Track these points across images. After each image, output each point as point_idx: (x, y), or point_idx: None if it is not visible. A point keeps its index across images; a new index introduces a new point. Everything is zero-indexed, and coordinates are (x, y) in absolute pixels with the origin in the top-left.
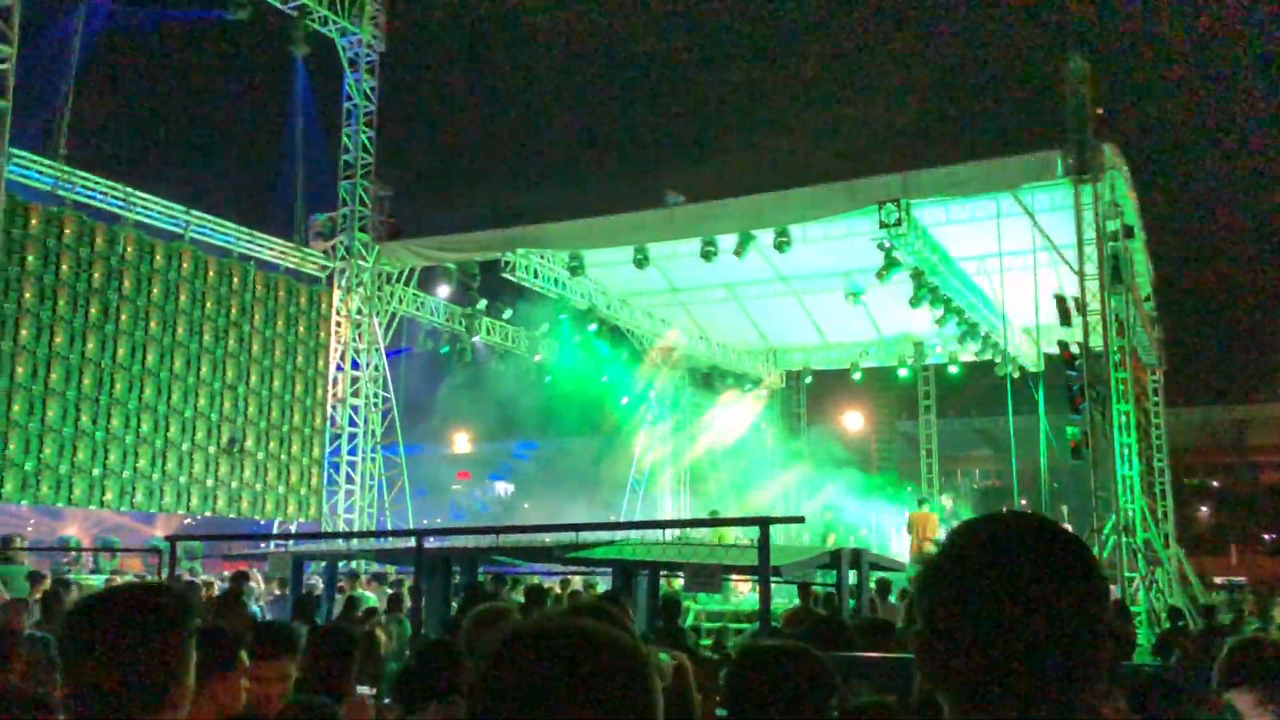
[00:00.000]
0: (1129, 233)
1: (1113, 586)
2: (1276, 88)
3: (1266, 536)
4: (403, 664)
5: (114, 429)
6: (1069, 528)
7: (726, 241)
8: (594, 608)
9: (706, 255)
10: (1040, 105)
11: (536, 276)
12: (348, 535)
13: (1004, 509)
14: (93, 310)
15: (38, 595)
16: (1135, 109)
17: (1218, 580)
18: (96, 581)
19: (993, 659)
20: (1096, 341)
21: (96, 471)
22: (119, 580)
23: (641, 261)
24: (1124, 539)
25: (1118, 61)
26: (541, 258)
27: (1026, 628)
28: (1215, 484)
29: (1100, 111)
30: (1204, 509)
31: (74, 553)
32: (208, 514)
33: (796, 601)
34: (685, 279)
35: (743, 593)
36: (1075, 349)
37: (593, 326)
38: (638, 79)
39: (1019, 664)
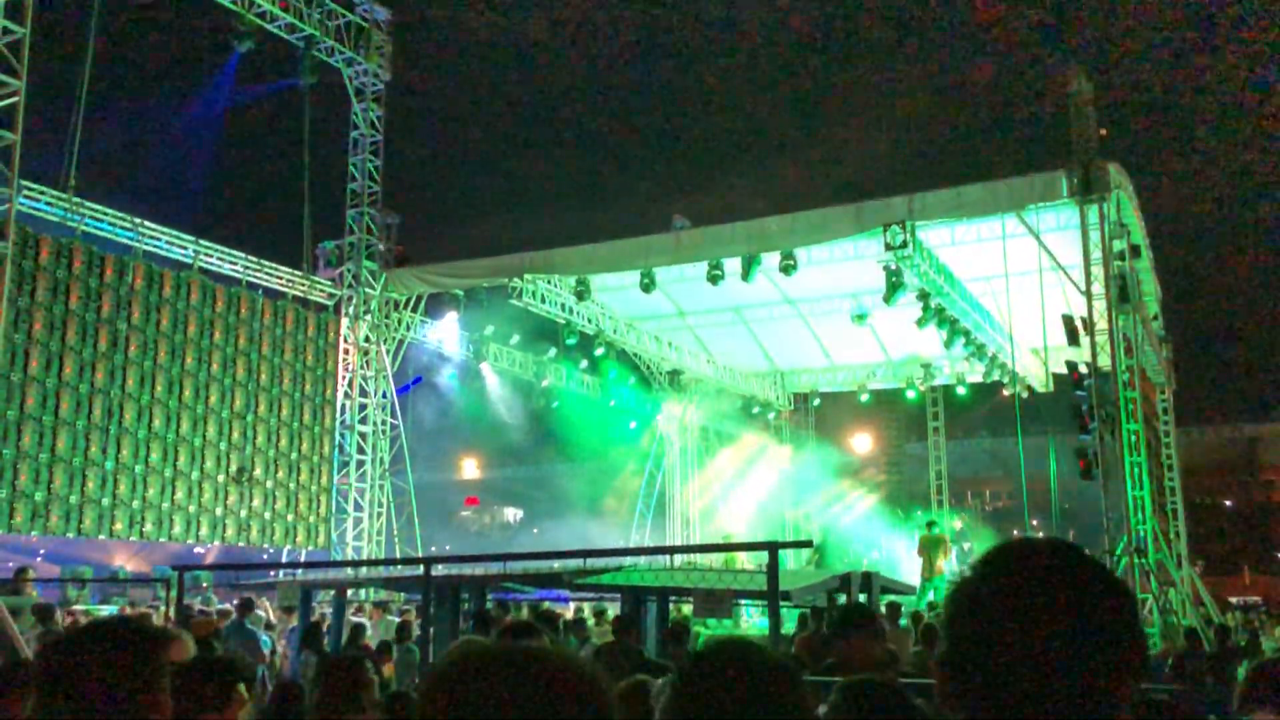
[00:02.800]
0: (1135, 252)
1: None
2: None
3: None
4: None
5: (123, 459)
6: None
7: (733, 265)
8: (526, 628)
9: (713, 279)
10: (1045, 125)
11: (543, 301)
12: (356, 564)
13: (1015, 531)
14: (102, 341)
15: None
16: (1141, 128)
17: (1232, 600)
18: (107, 611)
19: (1027, 680)
20: (1105, 361)
21: (106, 501)
22: (128, 610)
23: (648, 285)
24: (1136, 559)
25: (1124, 80)
26: (548, 283)
27: (1060, 650)
28: (1227, 503)
29: (1104, 132)
30: (1216, 529)
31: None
32: (217, 543)
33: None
34: (692, 302)
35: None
36: (1084, 369)
37: (600, 351)
38: (643, 105)
39: (1052, 685)
